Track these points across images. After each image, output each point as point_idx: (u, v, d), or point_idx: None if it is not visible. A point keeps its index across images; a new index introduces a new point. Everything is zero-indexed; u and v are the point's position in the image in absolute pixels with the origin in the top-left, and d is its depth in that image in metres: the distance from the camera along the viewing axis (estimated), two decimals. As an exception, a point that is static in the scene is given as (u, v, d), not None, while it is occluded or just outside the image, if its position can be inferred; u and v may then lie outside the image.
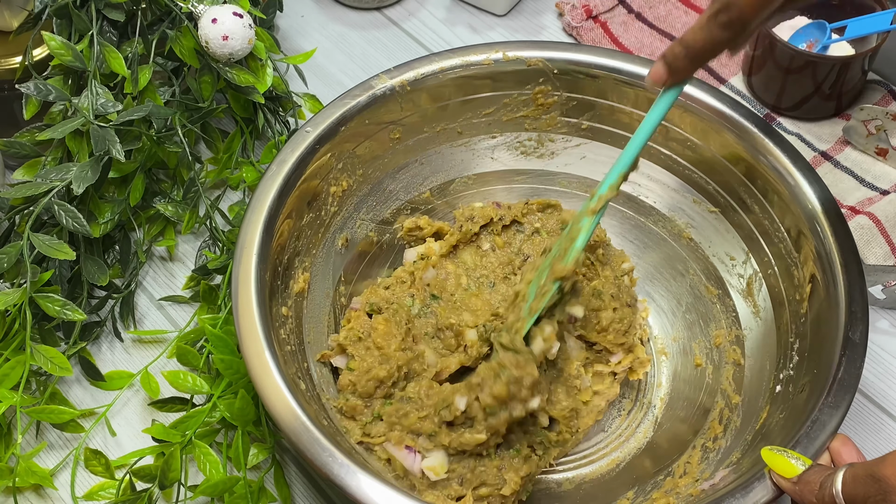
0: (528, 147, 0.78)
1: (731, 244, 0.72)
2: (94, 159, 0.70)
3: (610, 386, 0.71)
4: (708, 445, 0.66)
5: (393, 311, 0.69)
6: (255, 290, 0.62)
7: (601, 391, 0.71)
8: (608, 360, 0.71)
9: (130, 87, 0.76)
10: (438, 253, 0.74)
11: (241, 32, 0.75)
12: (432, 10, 0.99)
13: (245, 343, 0.60)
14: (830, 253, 0.64)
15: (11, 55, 0.78)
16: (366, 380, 0.66)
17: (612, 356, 0.71)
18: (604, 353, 0.71)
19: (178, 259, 0.81)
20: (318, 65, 0.94)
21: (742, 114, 0.70)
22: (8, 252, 0.68)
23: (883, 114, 0.83)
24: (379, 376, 0.66)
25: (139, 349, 0.76)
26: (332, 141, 0.70)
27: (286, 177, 0.67)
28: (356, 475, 0.55)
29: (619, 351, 0.71)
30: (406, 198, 0.77)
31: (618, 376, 0.71)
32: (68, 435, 0.71)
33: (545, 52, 0.74)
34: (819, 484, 0.52)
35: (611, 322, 0.70)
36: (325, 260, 0.72)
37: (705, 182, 0.73)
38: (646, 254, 0.77)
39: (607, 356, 0.71)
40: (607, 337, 0.70)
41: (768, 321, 0.68)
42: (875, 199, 0.82)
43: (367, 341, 0.67)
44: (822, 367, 0.60)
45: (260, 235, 0.65)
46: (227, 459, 0.67)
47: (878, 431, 0.73)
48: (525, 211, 0.76)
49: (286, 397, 0.58)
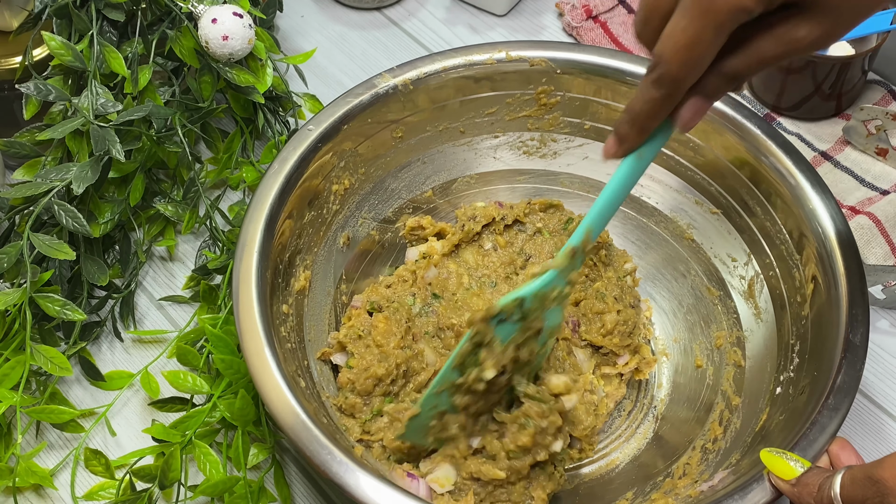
0: (531, 147, 0.78)
1: (732, 245, 0.72)
2: (94, 159, 0.70)
3: (617, 387, 0.71)
4: (707, 447, 0.66)
5: (393, 309, 0.69)
6: (256, 287, 0.62)
7: (609, 393, 0.71)
8: (615, 363, 0.71)
9: (130, 87, 0.76)
10: (440, 252, 0.74)
11: (241, 32, 0.75)
12: (432, 10, 0.99)
13: (245, 340, 0.60)
14: (832, 255, 0.64)
15: (11, 55, 0.78)
16: (364, 378, 0.66)
17: (619, 358, 0.71)
18: (610, 356, 0.71)
19: (178, 259, 0.81)
20: (318, 65, 0.94)
21: (744, 115, 0.70)
22: (8, 252, 0.68)
23: (883, 114, 0.83)
24: (377, 374, 0.66)
25: (139, 349, 0.76)
26: (335, 139, 0.70)
27: (288, 175, 0.67)
28: (355, 473, 0.55)
29: (625, 353, 0.71)
30: (408, 197, 0.77)
31: (623, 377, 0.71)
32: (68, 435, 0.71)
33: (548, 52, 0.73)
34: (817, 486, 0.52)
35: (615, 325, 0.70)
36: (327, 258, 0.72)
37: (707, 183, 0.73)
38: (647, 254, 0.77)
39: (613, 358, 0.71)
40: (613, 340, 0.70)
41: (769, 323, 0.68)
42: (875, 199, 0.82)
43: (366, 339, 0.67)
44: (823, 369, 0.60)
45: (261, 233, 0.65)
46: (227, 459, 0.67)
47: (879, 432, 0.73)
48: (527, 211, 0.76)
49: (286, 395, 0.58)
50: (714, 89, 0.49)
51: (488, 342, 0.59)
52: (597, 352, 0.71)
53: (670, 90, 0.48)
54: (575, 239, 0.58)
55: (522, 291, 0.58)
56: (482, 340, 0.59)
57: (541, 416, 0.61)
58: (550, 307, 0.60)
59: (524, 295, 0.58)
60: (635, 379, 0.72)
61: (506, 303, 0.58)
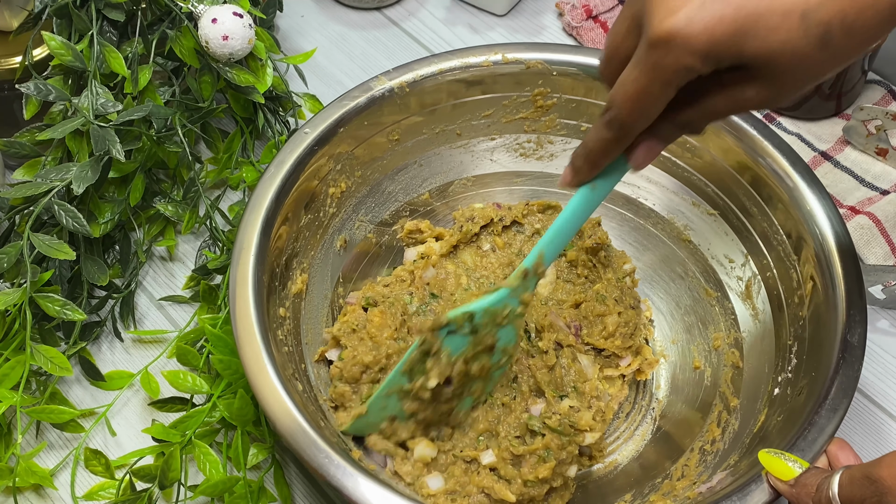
0: (528, 149, 0.78)
1: (729, 247, 0.72)
2: (94, 159, 0.70)
3: (620, 389, 0.71)
4: (706, 448, 0.66)
5: (389, 303, 0.69)
6: (253, 291, 0.62)
7: (613, 394, 0.71)
8: (617, 364, 0.71)
9: (130, 87, 0.76)
10: (439, 252, 0.74)
11: (241, 32, 0.75)
12: (432, 10, 0.99)
13: (242, 344, 0.60)
14: (829, 256, 0.64)
15: (11, 55, 0.78)
16: (351, 364, 0.66)
17: (622, 360, 0.71)
18: (612, 358, 0.71)
19: (178, 259, 0.81)
20: (318, 65, 0.94)
21: (741, 116, 0.70)
22: (8, 252, 0.68)
23: (883, 114, 0.83)
24: (364, 361, 0.66)
25: (139, 349, 0.76)
26: (331, 142, 0.70)
27: (284, 178, 0.67)
28: (353, 477, 0.55)
29: (627, 355, 0.71)
30: (405, 199, 0.77)
31: (626, 378, 0.71)
32: (68, 435, 0.71)
33: (544, 54, 0.73)
34: (816, 486, 0.52)
35: (617, 327, 0.70)
36: (324, 261, 0.72)
37: (704, 185, 0.73)
38: (645, 256, 0.77)
39: (616, 360, 0.71)
40: (615, 342, 0.70)
41: (767, 324, 0.68)
42: (875, 199, 0.82)
43: (360, 332, 0.67)
44: (821, 370, 0.60)
45: (258, 237, 0.65)
46: (227, 459, 0.67)
47: (878, 431, 0.73)
48: (525, 212, 0.76)
49: (283, 398, 0.58)
50: (667, 135, 0.51)
51: (435, 352, 0.60)
52: (599, 354, 0.71)
53: (620, 133, 0.50)
54: (528, 261, 0.60)
55: (473, 306, 0.60)
56: (429, 349, 0.60)
57: (560, 448, 0.62)
58: (503, 324, 0.61)
59: (474, 309, 0.60)
60: (636, 379, 0.72)
61: (455, 315, 0.59)
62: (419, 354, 0.60)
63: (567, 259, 0.74)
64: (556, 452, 0.62)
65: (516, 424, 0.65)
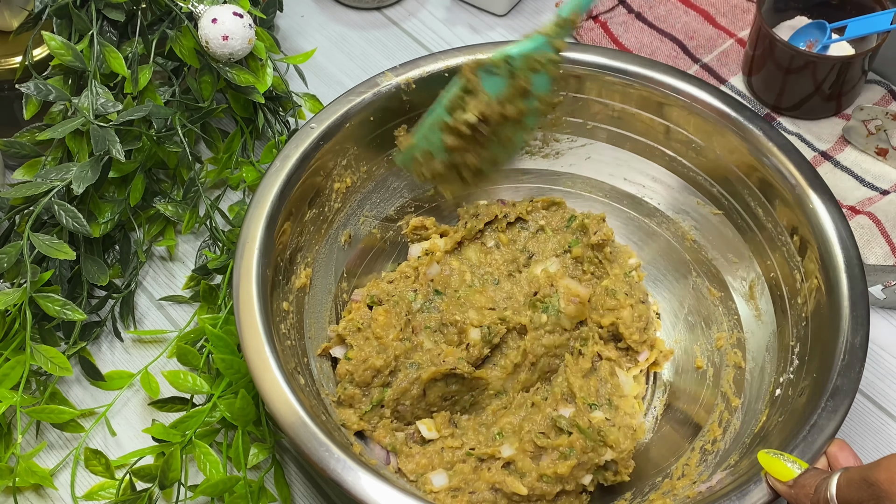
0: (533, 147, 0.78)
1: (734, 247, 0.72)
2: (94, 159, 0.70)
3: (641, 385, 0.71)
4: (706, 448, 0.66)
5: (393, 302, 0.70)
6: (256, 284, 0.62)
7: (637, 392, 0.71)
8: (637, 360, 0.71)
9: (130, 87, 0.76)
10: (443, 249, 0.74)
11: (241, 32, 0.75)
12: (432, 10, 0.99)
13: (245, 337, 0.60)
14: (833, 258, 0.64)
15: (11, 55, 0.78)
16: (363, 369, 0.66)
17: (640, 355, 0.71)
18: (631, 353, 0.71)
19: (178, 259, 0.81)
20: (318, 65, 0.94)
21: (745, 116, 0.70)
22: (8, 252, 0.68)
23: (883, 114, 0.83)
24: (376, 366, 0.66)
25: (139, 349, 0.76)
26: (336, 137, 0.70)
27: (290, 173, 0.67)
28: (353, 471, 0.55)
29: (644, 349, 0.71)
30: (410, 195, 0.77)
31: (642, 372, 0.72)
32: (68, 435, 0.71)
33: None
34: (814, 487, 0.52)
35: (632, 320, 0.70)
36: (328, 256, 0.72)
37: (709, 184, 0.73)
38: (648, 255, 0.77)
39: (635, 356, 0.71)
40: (633, 336, 0.70)
41: (770, 324, 0.68)
42: (875, 199, 0.82)
43: (366, 332, 0.68)
44: (822, 371, 0.60)
45: (262, 230, 0.65)
46: (227, 459, 0.67)
47: (879, 432, 0.73)
48: (530, 208, 0.76)
49: (284, 392, 0.58)
50: None
51: (475, 90, 0.66)
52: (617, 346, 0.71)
53: None
54: (565, 10, 0.66)
55: (510, 49, 0.65)
56: (470, 88, 0.66)
57: (584, 451, 0.62)
58: (538, 70, 0.66)
59: (512, 53, 0.64)
60: (651, 371, 0.72)
61: (494, 56, 0.64)
62: (460, 92, 0.65)
63: (573, 256, 0.74)
64: (579, 454, 0.62)
65: (542, 421, 0.65)
